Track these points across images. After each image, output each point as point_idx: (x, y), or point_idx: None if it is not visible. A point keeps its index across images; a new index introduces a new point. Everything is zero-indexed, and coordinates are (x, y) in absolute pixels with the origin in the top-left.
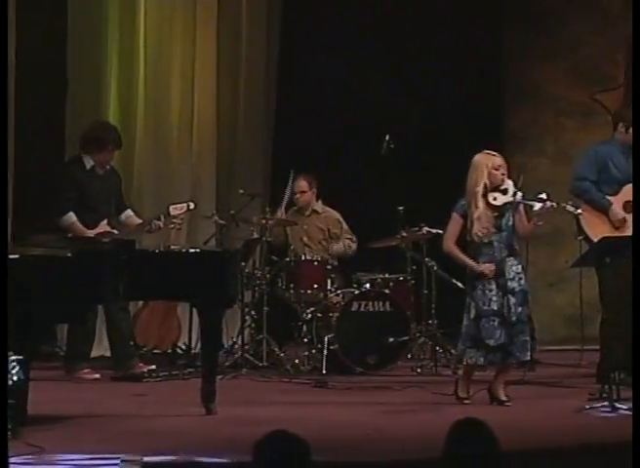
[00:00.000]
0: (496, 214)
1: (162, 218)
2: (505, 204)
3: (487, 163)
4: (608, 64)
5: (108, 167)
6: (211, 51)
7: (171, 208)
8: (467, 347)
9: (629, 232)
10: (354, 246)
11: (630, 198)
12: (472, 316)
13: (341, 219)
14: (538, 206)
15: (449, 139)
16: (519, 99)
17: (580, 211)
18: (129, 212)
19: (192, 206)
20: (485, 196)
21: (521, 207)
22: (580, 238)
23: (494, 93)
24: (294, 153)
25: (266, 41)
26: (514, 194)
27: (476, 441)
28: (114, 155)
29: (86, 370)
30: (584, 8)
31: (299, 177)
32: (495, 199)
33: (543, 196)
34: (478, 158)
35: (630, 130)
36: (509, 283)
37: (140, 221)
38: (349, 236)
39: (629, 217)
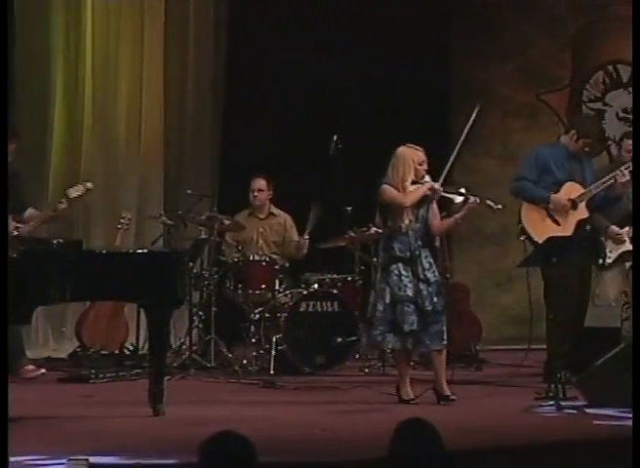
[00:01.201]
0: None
1: (64, 202)
2: (425, 197)
3: (413, 158)
4: (554, 65)
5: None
6: (158, 51)
7: (69, 190)
8: (385, 332)
9: (570, 230)
10: (305, 247)
11: (571, 196)
12: (387, 301)
13: (293, 224)
14: (458, 199)
15: (397, 140)
16: (467, 100)
17: (500, 206)
18: (31, 210)
19: (89, 185)
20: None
21: (435, 205)
22: (522, 238)
23: (442, 93)
24: (242, 153)
25: (214, 41)
26: None
27: (421, 441)
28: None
29: (30, 368)
30: (531, 10)
31: (257, 177)
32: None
33: (463, 190)
34: (404, 151)
35: (581, 141)
36: (425, 272)
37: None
38: (298, 239)
39: (571, 214)
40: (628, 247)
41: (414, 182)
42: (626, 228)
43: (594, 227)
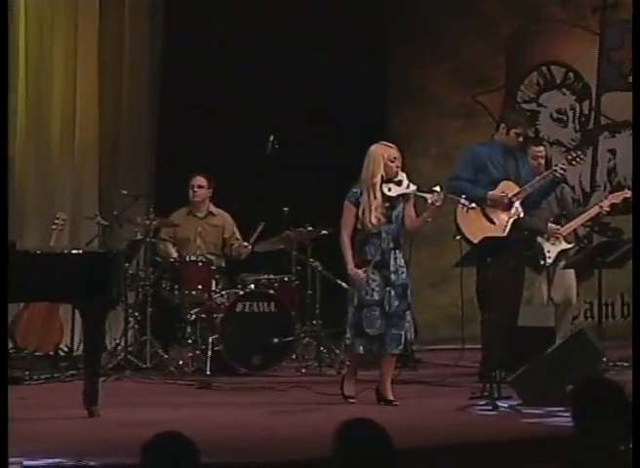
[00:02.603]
0: (387, 204)
1: None
2: (399, 195)
3: (383, 154)
4: (489, 66)
5: None
6: (92, 50)
7: None
8: (354, 336)
9: (505, 230)
10: (247, 248)
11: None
12: (355, 304)
13: (233, 223)
14: (431, 197)
15: (333, 140)
16: (403, 100)
17: (474, 205)
18: None
19: None
20: (380, 186)
21: (411, 201)
22: (457, 237)
23: (378, 93)
24: (179, 153)
25: (149, 39)
26: (408, 186)
27: (369, 441)
28: None
29: None
30: (466, 10)
31: (197, 174)
32: (389, 190)
33: (437, 189)
34: (374, 149)
35: (511, 132)
36: (394, 275)
37: None
38: (240, 239)
39: (506, 213)
40: (564, 246)
41: (388, 181)
42: (556, 228)
43: (530, 229)
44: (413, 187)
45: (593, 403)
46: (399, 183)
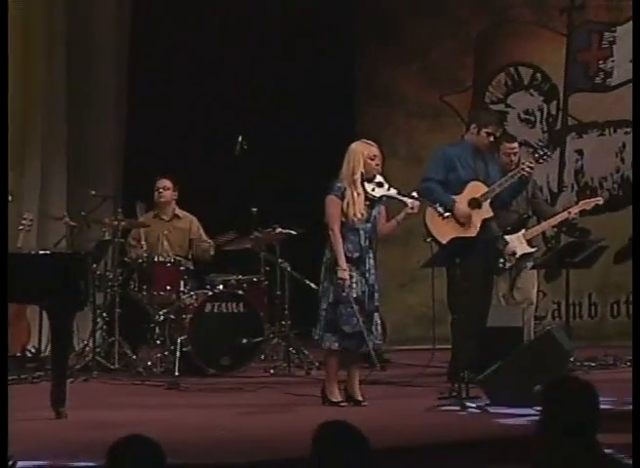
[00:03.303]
0: (367, 203)
1: None
2: (382, 197)
3: (363, 151)
4: (457, 67)
5: None
6: (60, 49)
7: None
8: (325, 332)
9: (474, 230)
10: (212, 250)
11: (475, 195)
12: (331, 300)
13: (199, 225)
14: (411, 202)
15: (301, 141)
16: (371, 100)
17: (448, 214)
18: None
19: None
20: (363, 184)
21: (383, 207)
22: (428, 239)
23: (346, 94)
24: (147, 154)
25: (118, 40)
26: (389, 189)
27: (347, 443)
28: None
29: None
30: (434, 11)
31: (162, 177)
32: (373, 190)
33: (415, 194)
34: (355, 146)
35: (482, 132)
36: (368, 273)
37: None
38: (207, 240)
39: (475, 214)
40: (526, 249)
41: (370, 180)
42: (521, 232)
43: (492, 233)
44: (393, 190)
45: (563, 402)
46: (381, 185)
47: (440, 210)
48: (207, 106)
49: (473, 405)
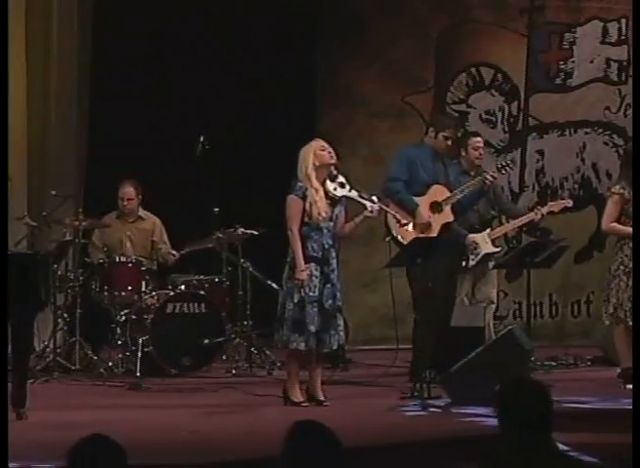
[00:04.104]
0: (329, 202)
1: None
2: (342, 197)
3: (312, 145)
4: (418, 67)
5: None
6: (20, 48)
7: None
8: (292, 332)
9: (434, 233)
10: (173, 257)
11: (436, 199)
12: (296, 300)
13: (162, 227)
14: (371, 206)
15: (262, 140)
16: (332, 101)
17: (405, 221)
18: None
19: None
20: (323, 183)
21: (344, 206)
22: (387, 239)
23: (307, 94)
24: (109, 153)
25: (79, 39)
26: (350, 190)
27: (319, 442)
28: None
29: None
30: (395, 11)
31: (125, 183)
32: (335, 189)
33: (375, 198)
34: (307, 147)
35: (440, 136)
36: (329, 273)
37: None
38: (167, 244)
39: (436, 217)
40: (490, 249)
41: (333, 180)
42: (486, 231)
43: (455, 235)
44: (354, 192)
45: (516, 403)
46: (343, 185)
47: (399, 217)
48: (168, 106)
49: (435, 404)
